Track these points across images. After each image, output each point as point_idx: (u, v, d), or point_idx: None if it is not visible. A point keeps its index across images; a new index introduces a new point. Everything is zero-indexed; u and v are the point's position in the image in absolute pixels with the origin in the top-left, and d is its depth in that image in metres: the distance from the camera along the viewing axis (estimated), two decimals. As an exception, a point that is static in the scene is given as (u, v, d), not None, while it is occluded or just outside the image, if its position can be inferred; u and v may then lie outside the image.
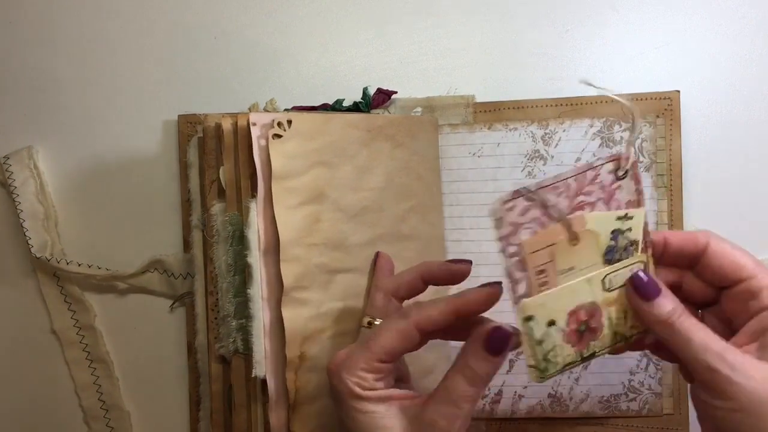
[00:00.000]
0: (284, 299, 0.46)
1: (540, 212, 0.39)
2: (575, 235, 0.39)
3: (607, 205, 0.40)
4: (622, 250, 0.40)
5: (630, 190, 0.40)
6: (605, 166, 0.40)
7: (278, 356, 0.47)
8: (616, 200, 0.40)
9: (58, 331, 0.58)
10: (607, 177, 0.40)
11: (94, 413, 0.58)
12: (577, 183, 0.39)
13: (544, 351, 0.40)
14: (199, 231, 0.53)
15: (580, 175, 0.39)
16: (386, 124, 0.51)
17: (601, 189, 0.40)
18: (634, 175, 0.40)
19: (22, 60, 0.59)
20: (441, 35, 0.57)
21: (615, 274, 0.40)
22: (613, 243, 0.40)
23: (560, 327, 0.40)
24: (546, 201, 0.39)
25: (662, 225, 0.53)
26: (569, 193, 0.39)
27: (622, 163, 0.40)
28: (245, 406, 0.49)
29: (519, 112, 0.55)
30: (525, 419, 0.54)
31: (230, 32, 0.58)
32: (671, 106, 0.54)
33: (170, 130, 0.58)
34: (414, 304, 0.41)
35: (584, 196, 0.39)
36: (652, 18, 0.56)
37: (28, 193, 0.57)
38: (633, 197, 0.40)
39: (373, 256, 0.49)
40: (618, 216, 0.40)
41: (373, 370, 0.39)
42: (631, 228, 0.40)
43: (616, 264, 0.40)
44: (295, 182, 0.47)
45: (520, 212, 0.38)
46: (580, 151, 0.54)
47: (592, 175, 0.39)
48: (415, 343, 0.40)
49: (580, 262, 0.40)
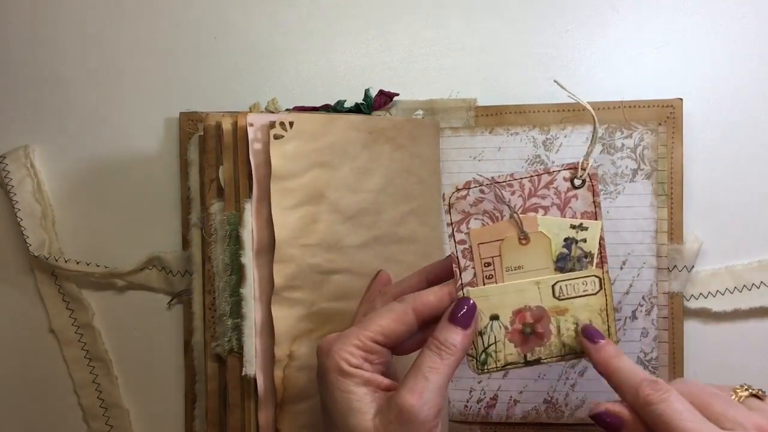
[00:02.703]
0: (274, 298, 0.46)
1: (491, 206, 0.40)
2: (526, 235, 0.40)
3: (562, 211, 0.41)
4: (576, 261, 0.41)
5: (587, 201, 0.41)
6: (561, 173, 0.41)
7: (268, 355, 0.47)
8: (571, 209, 0.41)
9: (56, 330, 0.58)
10: (563, 184, 0.41)
11: (93, 412, 0.58)
12: (531, 184, 0.40)
13: (484, 343, 0.41)
14: (198, 229, 0.53)
15: (535, 177, 0.40)
16: (388, 127, 0.51)
17: (556, 195, 0.41)
18: (592, 186, 0.41)
19: (20, 59, 0.59)
20: (441, 35, 0.57)
21: (566, 284, 0.41)
22: (566, 251, 0.41)
23: (504, 323, 0.41)
24: (499, 196, 0.40)
25: (662, 233, 0.53)
26: (523, 193, 0.40)
27: (579, 172, 0.41)
28: (239, 405, 0.49)
29: (521, 116, 0.55)
30: (520, 424, 0.55)
31: (231, 31, 0.58)
32: (674, 114, 0.53)
33: (172, 127, 0.58)
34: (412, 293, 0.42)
35: (538, 199, 0.40)
36: (653, 18, 0.56)
37: (25, 192, 0.57)
38: (590, 209, 0.41)
39: (368, 258, 0.50)
40: (572, 224, 0.41)
41: (365, 348, 0.40)
42: (585, 239, 0.41)
43: (568, 273, 0.41)
44: (293, 183, 0.47)
45: (471, 202, 0.39)
46: (581, 157, 0.53)
47: (548, 179, 0.40)
48: (411, 327, 0.40)
49: (529, 263, 0.41)
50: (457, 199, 0.41)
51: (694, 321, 0.55)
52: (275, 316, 0.46)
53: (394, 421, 0.38)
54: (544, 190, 0.41)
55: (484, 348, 0.41)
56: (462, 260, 0.41)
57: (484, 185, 0.41)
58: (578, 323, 0.42)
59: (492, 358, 0.41)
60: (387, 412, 0.38)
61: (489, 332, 0.41)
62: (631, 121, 0.53)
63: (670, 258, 0.53)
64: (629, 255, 0.53)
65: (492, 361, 0.41)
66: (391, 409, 0.38)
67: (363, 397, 0.39)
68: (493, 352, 0.41)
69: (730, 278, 0.54)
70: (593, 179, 0.41)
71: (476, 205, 0.41)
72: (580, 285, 0.41)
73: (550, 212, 0.41)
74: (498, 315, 0.41)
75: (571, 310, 0.41)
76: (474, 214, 0.41)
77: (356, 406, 0.39)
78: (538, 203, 0.41)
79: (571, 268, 0.41)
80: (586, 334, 0.41)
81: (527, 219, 0.41)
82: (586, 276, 0.41)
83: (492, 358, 0.41)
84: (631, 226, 0.53)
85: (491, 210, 0.41)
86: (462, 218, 0.41)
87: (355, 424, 0.38)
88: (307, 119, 0.48)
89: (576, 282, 0.41)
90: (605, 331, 0.41)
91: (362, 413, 0.39)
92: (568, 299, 0.41)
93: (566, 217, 0.41)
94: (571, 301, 0.41)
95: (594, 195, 0.41)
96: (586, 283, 0.41)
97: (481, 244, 0.41)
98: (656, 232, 0.53)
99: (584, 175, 0.41)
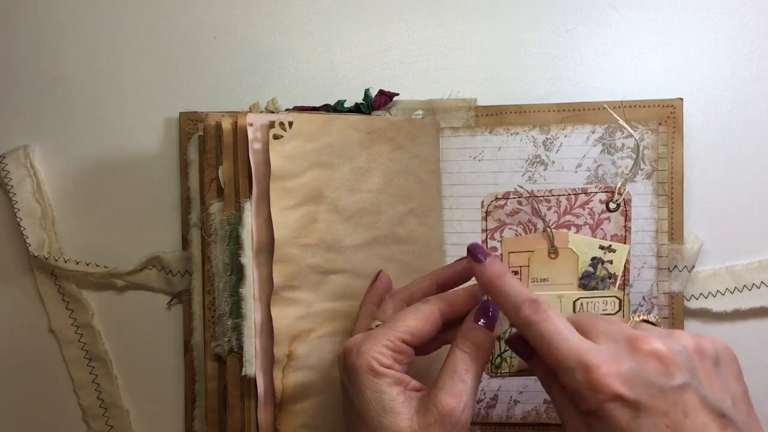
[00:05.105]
0: (273, 298, 0.47)
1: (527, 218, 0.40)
2: (555, 250, 0.41)
3: (593, 232, 0.41)
4: (599, 280, 0.41)
5: (619, 224, 0.42)
6: (598, 195, 0.41)
7: (268, 355, 0.47)
8: (602, 230, 0.41)
9: (56, 330, 0.58)
10: (598, 205, 0.41)
11: (93, 412, 0.58)
12: (568, 202, 0.41)
13: (501, 348, 0.42)
14: (198, 229, 0.53)
15: (572, 195, 0.41)
16: (387, 127, 0.51)
17: (590, 215, 0.41)
18: (626, 211, 0.41)
19: (20, 59, 0.59)
20: (441, 35, 0.57)
21: (588, 301, 0.41)
22: (592, 270, 0.41)
23: None
24: (536, 209, 0.40)
25: (662, 233, 0.53)
26: (558, 210, 0.41)
27: (615, 196, 0.41)
28: (239, 405, 0.49)
29: (521, 116, 0.55)
30: (520, 425, 0.55)
31: (231, 31, 0.58)
32: (674, 113, 0.53)
33: (172, 127, 0.58)
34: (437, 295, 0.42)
35: (572, 217, 0.41)
36: (653, 18, 0.55)
37: (25, 192, 0.57)
38: (620, 232, 0.41)
39: (367, 258, 0.50)
40: (601, 245, 0.41)
41: (395, 348, 0.40)
42: (612, 261, 0.41)
43: (591, 291, 0.41)
44: (293, 183, 0.47)
45: (508, 212, 0.40)
46: (581, 157, 0.53)
47: (584, 199, 0.41)
48: (437, 327, 0.41)
49: (555, 277, 0.41)
50: (495, 207, 0.41)
51: (695, 321, 0.55)
52: (274, 315, 0.47)
53: (434, 424, 0.38)
54: (579, 209, 0.41)
55: (500, 352, 0.42)
56: None
57: (522, 197, 0.41)
58: None
59: (506, 363, 0.42)
60: (425, 414, 0.38)
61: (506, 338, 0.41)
62: (631, 120, 0.53)
63: (670, 258, 0.53)
64: (629, 255, 0.53)
65: (506, 365, 0.42)
66: (430, 411, 0.38)
67: (396, 397, 0.39)
68: (508, 357, 0.42)
69: (730, 278, 0.54)
70: (627, 204, 0.41)
71: (513, 215, 0.41)
72: (600, 304, 0.41)
73: (582, 231, 0.41)
74: None
75: None
76: (509, 223, 0.41)
77: (390, 406, 0.39)
78: (571, 221, 0.41)
79: (594, 286, 0.42)
80: (471, 252, 0.40)
81: (559, 234, 0.41)
82: (608, 296, 0.42)
83: (506, 363, 0.42)
84: (632, 226, 0.53)
85: (526, 222, 0.41)
86: (497, 226, 0.41)
87: (389, 423, 0.38)
88: (306, 119, 0.48)
89: (597, 300, 0.41)
90: None
91: (396, 413, 0.39)
92: None
93: (597, 237, 0.41)
94: None
95: (626, 220, 0.42)
96: (606, 302, 0.41)
97: (512, 253, 0.41)
98: (656, 232, 0.53)
99: (620, 200, 0.41)
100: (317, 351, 0.48)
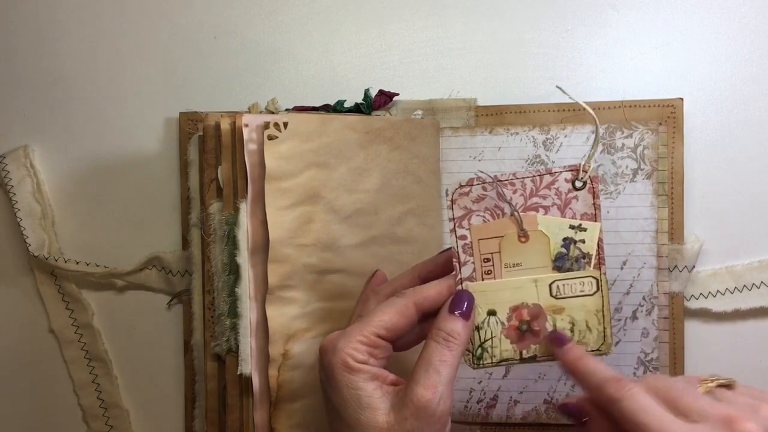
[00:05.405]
0: (269, 297, 0.47)
1: (493, 203, 0.40)
2: (525, 233, 0.41)
3: (562, 212, 0.41)
4: (574, 261, 0.41)
5: (587, 203, 0.41)
6: (563, 174, 0.41)
7: (263, 354, 0.47)
8: (571, 209, 0.41)
9: (56, 330, 0.58)
10: (564, 185, 0.41)
11: (93, 412, 0.58)
12: (533, 184, 0.41)
13: (481, 338, 0.42)
14: (198, 229, 0.53)
15: (537, 177, 0.41)
16: (385, 127, 0.51)
17: (557, 195, 0.41)
18: (593, 188, 0.41)
19: (20, 58, 0.59)
20: (441, 35, 0.57)
21: (564, 283, 0.41)
22: (564, 251, 0.41)
23: (500, 319, 0.42)
24: (500, 193, 0.41)
25: (662, 233, 0.53)
26: (524, 192, 0.41)
27: (580, 174, 0.41)
28: (238, 404, 0.49)
29: (521, 116, 0.55)
30: (520, 425, 0.55)
31: (231, 31, 0.58)
32: (674, 113, 0.53)
33: (172, 127, 0.58)
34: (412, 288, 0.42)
35: (539, 198, 0.41)
36: (653, 18, 0.55)
37: (25, 192, 0.57)
38: (590, 211, 0.41)
39: (365, 258, 0.50)
40: (571, 225, 0.41)
41: (369, 343, 0.40)
42: (584, 240, 0.41)
43: (566, 273, 0.41)
44: (289, 183, 0.47)
45: (474, 199, 0.40)
46: (581, 157, 0.53)
47: (550, 179, 0.41)
48: (412, 320, 0.41)
49: (527, 261, 0.41)
50: (460, 195, 0.42)
51: (695, 321, 0.55)
52: (270, 315, 0.47)
53: (409, 418, 0.38)
54: (545, 190, 0.41)
55: (480, 343, 0.42)
56: (462, 255, 0.42)
57: (486, 183, 0.41)
58: (574, 323, 0.42)
59: (488, 353, 0.42)
60: (401, 408, 0.38)
61: (486, 327, 0.42)
62: (631, 120, 0.53)
63: (670, 258, 0.53)
64: (629, 255, 0.53)
65: (488, 356, 0.42)
66: (406, 405, 0.38)
67: (372, 393, 0.39)
68: (489, 347, 0.42)
69: (730, 278, 0.54)
70: (594, 182, 0.41)
71: (478, 201, 0.41)
72: (577, 285, 0.41)
73: (550, 212, 0.41)
74: (495, 311, 0.42)
75: (567, 309, 0.42)
76: (476, 210, 0.41)
77: (366, 402, 0.39)
78: (539, 203, 0.41)
79: (568, 268, 0.42)
80: (552, 340, 0.42)
81: (527, 217, 0.41)
82: (584, 276, 0.42)
83: (488, 354, 0.42)
84: (632, 226, 0.53)
85: (492, 207, 0.41)
86: (464, 214, 0.41)
87: (367, 420, 0.38)
88: (301, 120, 0.48)
89: (573, 282, 0.42)
90: (601, 332, 0.42)
91: (373, 409, 0.38)
92: (564, 299, 0.42)
93: (566, 217, 0.41)
94: (567, 301, 0.42)
95: (594, 197, 0.41)
96: (583, 283, 0.41)
97: (481, 240, 0.41)
98: (657, 232, 0.53)
99: (585, 178, 0.41)
100: (313, 350, 0.47)
